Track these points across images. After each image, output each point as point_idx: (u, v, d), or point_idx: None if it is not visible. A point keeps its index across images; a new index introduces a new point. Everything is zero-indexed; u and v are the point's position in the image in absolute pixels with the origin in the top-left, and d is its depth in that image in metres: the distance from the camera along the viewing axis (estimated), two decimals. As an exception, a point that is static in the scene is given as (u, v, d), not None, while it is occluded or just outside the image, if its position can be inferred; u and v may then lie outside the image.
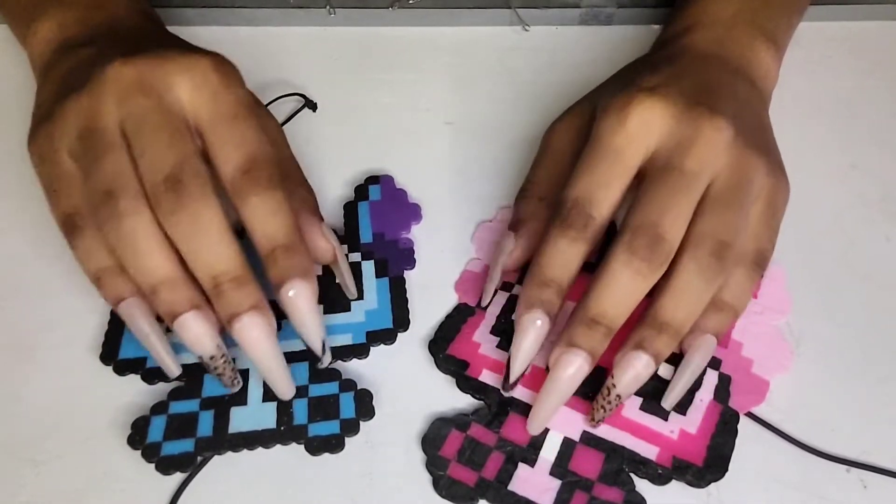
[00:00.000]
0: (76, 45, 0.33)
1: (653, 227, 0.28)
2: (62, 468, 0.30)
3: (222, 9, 0.44)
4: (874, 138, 0.41)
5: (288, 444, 0.30)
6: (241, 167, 0.28)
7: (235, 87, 0.30)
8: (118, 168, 0.28)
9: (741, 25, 0.35)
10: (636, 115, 0.29)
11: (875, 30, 0.45)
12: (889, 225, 0.37)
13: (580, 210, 0.29)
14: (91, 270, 0.29)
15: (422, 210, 0.37)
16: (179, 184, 0.27)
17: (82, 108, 0.29)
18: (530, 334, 0.29)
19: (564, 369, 0.28)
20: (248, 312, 0.28)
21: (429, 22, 0.45)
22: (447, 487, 0.29)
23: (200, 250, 0.27)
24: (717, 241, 0.28)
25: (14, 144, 0.38)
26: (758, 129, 0.32)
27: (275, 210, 0.28)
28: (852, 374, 0.33)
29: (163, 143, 0.28)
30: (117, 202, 0.27)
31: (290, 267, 0.28)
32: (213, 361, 0.29)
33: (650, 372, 0.29)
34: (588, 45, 0.45)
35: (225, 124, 0.29)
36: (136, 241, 0.27)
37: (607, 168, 0.30)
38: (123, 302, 0.29)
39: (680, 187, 0.29)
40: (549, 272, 0.29)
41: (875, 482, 0.30)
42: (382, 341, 0.33)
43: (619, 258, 0.28)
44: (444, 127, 0.41)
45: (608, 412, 0.29)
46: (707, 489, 0.29)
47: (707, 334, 0.30)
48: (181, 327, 0.28)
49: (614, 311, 0.28)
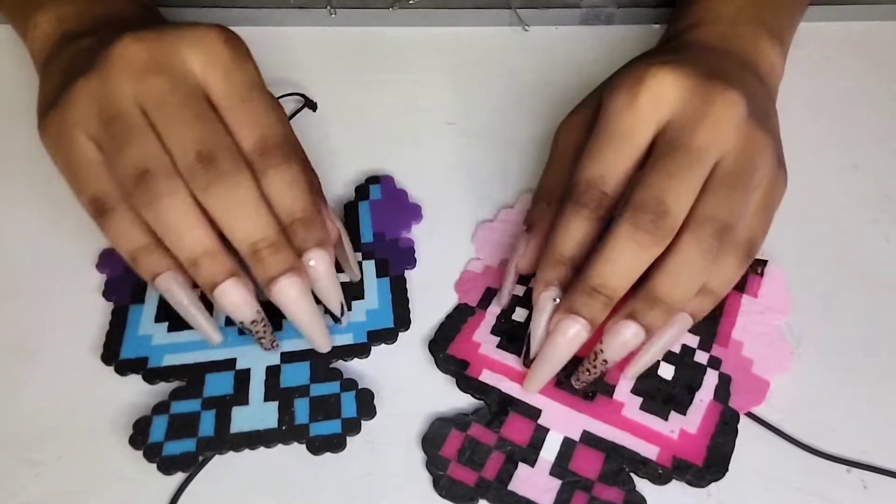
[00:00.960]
0: (76, 36, 0.33)
1: (658, 202, 0.28)
2: (62, 468, 0.30)
3: (222, 9, 0.44)
4: (874, 138, 0.41)
5: (289, 443, 0.30)
6: (257, 143, 0.29)
7: (246, 62, 0.30)
8: (148, 150, 0.28)
9: (745, 22, 0.35)
10: (646, 92, 0.29)
11: (875, 30, 0.45)
12: (889, 225, 0.37)
13: (593, 190, 0.30)
14: (127, 250, 0.29)
15: (422, 210, 0.37)
16: (212, 160, 0.28)
17: (94, 90, 0.29)
18: (548, 310, 0.30)
19: (563, 333, 0.29)
20: (287, 274, 0.29)
21: (429, 22, 0.45)
22: (447, 487, 0.29)
23: (238, 220, 0.28)
24: (720, 222, 0.28)
25: (14, 145, 0.38)
26: (766, 116, 0.32)
27: (292, 182, 0.29)
28: (852, 374, 0.33)
29: (189, 121, 0.28)
30: (153, 183, 0.28)
31: (309, 238, 0.30)
32: (254, 326, 0.30)
33: (638, 341, 0.29)
34: (588, 45, 0.45)
35: (239, 101, 0.29)
36: (175, 219, 0.28)
37: (618, 149, 0.30)
38: (160, 276, 0.30)
39: (688, 164, 0.29)
40: (564, 251, 0.30)
41: (875, 482, 0.30)
42: (383, 341, 0.33)
43: (623, 231, 0.28)
44: (444, 127, 0.41)
45: (592, 375, 0.30)
46: (707, 489, 0.29)
47: (684, 313, 0.30)
48: (222, 295, 0.29)
49: (615, 281, 0.29)
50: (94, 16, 0.34)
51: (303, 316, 0.30)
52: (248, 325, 0.30)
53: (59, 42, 0.34)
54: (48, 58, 0.33)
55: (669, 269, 0.29)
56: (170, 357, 0.32)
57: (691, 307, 0.31)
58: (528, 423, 0.31)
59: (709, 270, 0.29)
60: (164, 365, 0.32)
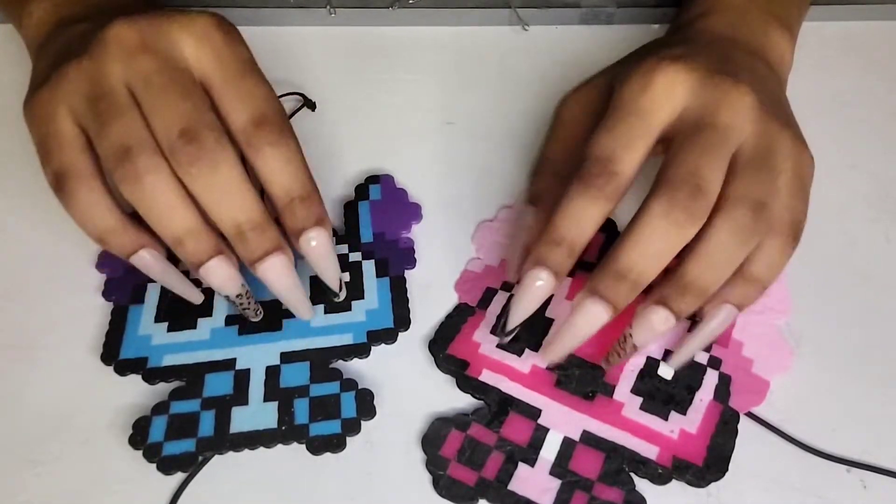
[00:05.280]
0: (71, 22, 0.33)
1: (693, 178, 0.27)
2: (62, 468, 0.30)
3: (222, 9, 0.44)
4: (874, 138, 0.41)
5: (289, 443, 0.30)
6: (253, 120, 0.29)
7: (238, 43, 0.30)
8: (131, 127, 0.28)
9: (755, 11, 0.35)
10: (661, 80, 0.29)
11: (875, 30, 0.45)
12: (889, 225, 0.37)
13: (602, 167, 0.28)
14: (93, 229, 0.29)
15: (422, 210, 0.37)
16: (196, 137, 0.28)
17: (85, 71, 0.29)
18: (531, 292, 0.29)
19: (583, 315, 0.28)
20: (273, 254, 0.29)
21: (429, 22, 0.45)
22: (447, 487, 0.29)
23: (222, 200, 0.28)
24: (753, 200, 0.28)
25: (14, 145, 0.38)
26: (778, 104, 0.32)
27: (289, 159, 0.29)
28: (852, 374, 0.33)
29: (174, 100, 0.28)
30: (135, 161, 0.27)
31: (308, 216, 0.30)
32: (240, 300, 0.31)
33: (668, 327, 0.28)
34: (588, 45, 0.45)
35: (232, 80, 0.29)
36: (158, 197, 0.28)
37: (631, 126, 0.29)
38: (136, 254, 0.30)
39: (716, 140, 0.28)
40: (563, 231, 0.29)
41: (875, 482, 0.30)
42: (383, 341, 0.33)
43: (655, 209, 0.27)
44: (444, 127, 0.41)
45: (622, 357, 0.30)
46: (707, 489, 0.29)
47: (728, 304, 0.29)
48: (208, 272, 0.29)
49: (645, 264, 0.27)
50: (89, 3, 0.34)
51: (287, 291, 0.30)
52: (233, 299, 0.31)
53: (53, 29, 0.33)
54: (41, 44, 0.33)
55: (702, 253, 0.28)
56: (169, 357, 0.32)
57: (736, 297, 0.29)
58: (528, 422, 0.31)
59: (743, 253, 0.28)
60: (163, 365, 0.32)
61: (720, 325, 0.30)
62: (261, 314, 0.33)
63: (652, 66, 0.29)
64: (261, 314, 0.33)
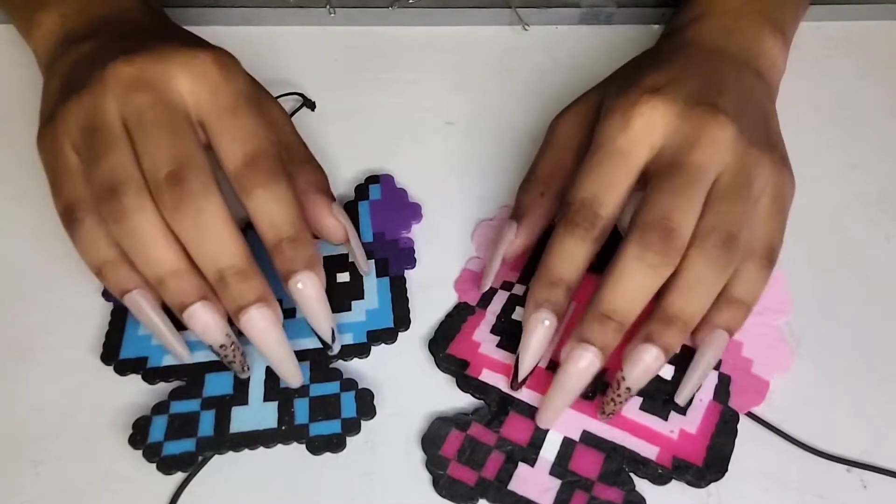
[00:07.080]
0: (78, 38, 0.33)
1: (664, 221, 0.28)
2: (62, 468, 0.30)
3: (222, 9, 0.44)
4: (874, 138, 0.41)
5: (289, 443, 0.30)
6: (244, 160, 0.29)
7: (235, 79, 0.30)
8: (121, 164, 0.28)
9: (749, 15, 0.35)
10: (640, 117, 0.30)
11: (875, 30, 0.45)
12: (889, 225, 0.37)
13: (587, 210, 0.30)
14: (93, 263, 0.29)
15: (422, 210, 0.37)
16: (181, 180, 0.27)
17: (83, 105, 0.29)
18: (538, 333, 0.29)
19: (575, 364, 0.28)
20: (255, 305, 0.28)
21: (429, 22, 0.45)
22: (447, 487, 0.29)
23: (204, 244, 0.28)
24: (723, 232, 0.29)
25: (15, 145, 0.38)
26: (762, 123, 0.32)
27: (278, 200, 0.29)
28: (852, 374, 0.33)
29: (164, 137, 0.28)
30: (121, 198, 0.27)
31: (296, 258, 0.29)
32: (223, 350, 0.30)
33: (660, 365, 0.29)
34: (588, 44, 0.45)
35: (225, 117, 0.29)
36: (141, 236, 0.28)
37: (613, 168, 0.30)
38: (128, 293, 0.29)
39: (688, 182, 0.29)
40: (557, 272, 0.30)
41: (875, 482, 0.30)
42: (383, 341, 0.33)
43: (631, 253, 0.28)
44: (444, 127, 0.41)
45: (619, 405, 0.29)
46: (707, 489, 0.29)
47: (719, 329, 0.30)
48: (190, 318, 0.28)
49: (626, 306, 0.28)
50: (97, 15, 0.34)
51: (272, 349, 0.29)
52: (216, 349, 0.29)
53: (62, 42, 0.34)
54: (51, 61, 0.34)
55: (681, 286, 0.29)
56: (169, 357, 0.32)
57: (725, 322, 0.30)
58: (528, 422, 0.31)
59: (720, 282, 0.29)
60: (163, 365, 0.32)
61: (715, 354, 0.30)
62: (249, 372, 0.31)
63: (633, 102, 0.30)
64: (249, 372, 0.31)
